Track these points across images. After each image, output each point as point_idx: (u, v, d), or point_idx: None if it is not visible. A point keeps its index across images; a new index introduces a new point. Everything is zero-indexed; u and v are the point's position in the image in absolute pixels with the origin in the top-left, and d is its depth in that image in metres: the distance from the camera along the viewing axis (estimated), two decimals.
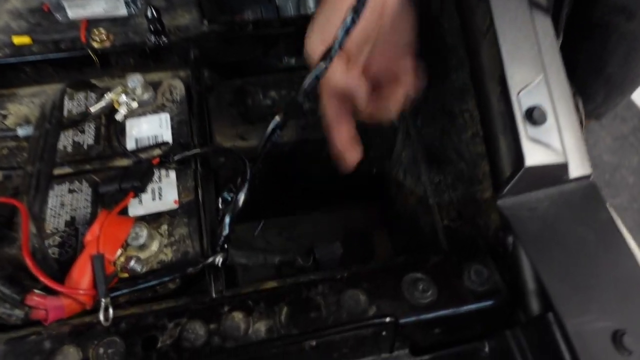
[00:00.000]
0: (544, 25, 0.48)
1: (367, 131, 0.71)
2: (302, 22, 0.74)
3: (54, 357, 0.40)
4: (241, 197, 0.48)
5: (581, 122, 0.49)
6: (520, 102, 0.45)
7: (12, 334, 0.42)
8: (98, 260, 0.43)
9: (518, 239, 0.45)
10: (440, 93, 0.64)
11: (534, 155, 0.44)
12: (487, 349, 0.49)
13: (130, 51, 0.65)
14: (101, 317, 0.41)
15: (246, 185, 0.48)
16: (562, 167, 0.45)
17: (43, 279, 0.40)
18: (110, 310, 0.42)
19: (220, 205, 0.51)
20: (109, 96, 0.58)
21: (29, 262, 0.41)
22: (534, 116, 0.44)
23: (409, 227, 0.71)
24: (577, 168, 0.46)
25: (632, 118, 1.74)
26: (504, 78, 0.46)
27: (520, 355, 0.45)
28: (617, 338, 0.39)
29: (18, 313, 0.41)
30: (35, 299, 0.40)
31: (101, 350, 0.41)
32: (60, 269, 0.45)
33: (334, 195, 0.80)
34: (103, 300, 0.41)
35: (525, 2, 0.48)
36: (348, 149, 0.50)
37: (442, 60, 0.60)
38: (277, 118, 0.49)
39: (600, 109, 1.03)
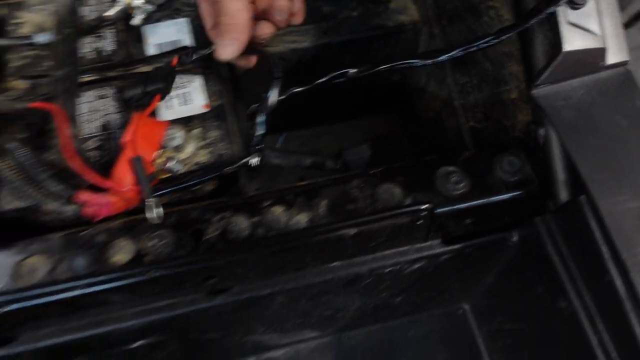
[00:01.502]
0: None
1: (387, 37, 0.69)
2: None
3: (108, 249, 0.42)
4: (273, 95, 0.47)
5: None
6: None
7: (66, 233, 0.44)
8: (138, 162, 0.43)
9: (552, 127, 0.45)
10: None
11: (573, 40, 0.43)
12: (515, 238, 0.52)
13: None
14: (151, 214, 0.42)
15: (278, 84, 0.47)
16: (600, 53, 0.44)
17: (90, 176, 0.41)
18: (160, 209, 0.43)
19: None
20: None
21: (74, 161, 0.41)
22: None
23: (432, 132, 0.71)
24: (615, 54, 0.45)
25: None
26: None
27: (550, 240, 0.47)
28: None
29: (69, 209, 0.42)
30: (85, 195, 0.41)
31: (152, 242, 0.43)
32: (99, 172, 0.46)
33: (356, 106, 0.79)
34: (149, 199, 0.43)
35: None
36: None
37: None
38: None
39: None
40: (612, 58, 0.45)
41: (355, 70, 0.50)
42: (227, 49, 0.45)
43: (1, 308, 0.41)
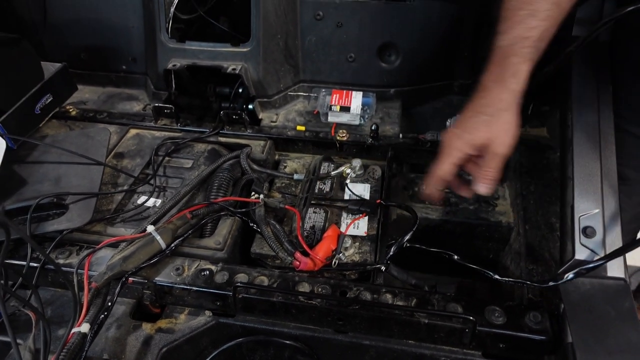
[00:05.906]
0: (610, 171, 0.79)
1: (487, 227, 1.05)
2: None
3: (297, 284, 0.82)
4: (404, 238, 0.86)
5: None
6: (580, 222, 0.76)
7: (280, 271, 0.86)
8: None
9: (563, 303, 0.74)
10: (548, 212, 0.96)
11: (583, 253, 0.74)
12: None
13: (356, 145, 1.12)
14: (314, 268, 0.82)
15: (412, 231, 0.86)
16: (603, 267, 0.74)
17: (305, 247, 0.84)
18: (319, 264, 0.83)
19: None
20: (341, 168, 1.05)
21: (300, 238, 0.85)
22: (587, 232, 0.75)
23: (504, 298, 1.00)
24: (614, 271, 0.74)
25: None
26: (573, 207, 0.78)
27: None
28: None
29: (289, 260, 0.85)
30: (299, 255, 0.84)
31: (320, 289, 0.82)
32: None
33: (455, 269, 1.13)
34: (317, 257, 0.83)
35: (597, 161, 0.80)
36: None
37: (550, 188, 0.93)
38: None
39: None
40: (611, 272, 0.74)
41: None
42: (486, 189, 0.77)
43: (240, 293, 0.82)
